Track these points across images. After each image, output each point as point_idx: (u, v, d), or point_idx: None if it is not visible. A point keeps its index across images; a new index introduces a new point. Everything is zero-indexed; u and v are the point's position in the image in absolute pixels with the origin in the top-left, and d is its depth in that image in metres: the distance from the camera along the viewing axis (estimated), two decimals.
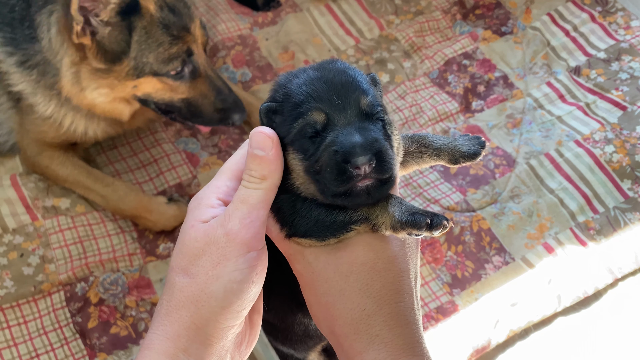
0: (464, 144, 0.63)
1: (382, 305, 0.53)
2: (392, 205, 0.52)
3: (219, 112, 1.12)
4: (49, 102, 1.11)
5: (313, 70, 0.56)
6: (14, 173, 1.19)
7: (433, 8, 1.51)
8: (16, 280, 1.06)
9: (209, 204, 0.55)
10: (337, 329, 0.53)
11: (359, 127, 0.51)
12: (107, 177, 1.17)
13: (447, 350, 1.01)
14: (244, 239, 0.51)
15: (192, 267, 0.52)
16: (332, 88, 0.53)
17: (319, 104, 0.52)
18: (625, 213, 1.14)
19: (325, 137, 0.51)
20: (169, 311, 0.52)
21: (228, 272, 0.51)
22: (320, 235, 0.53)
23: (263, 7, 1.51)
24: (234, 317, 0.53)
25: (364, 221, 0.53)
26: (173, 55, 1.03)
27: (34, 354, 1.00)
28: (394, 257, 0.54)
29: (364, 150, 0.49)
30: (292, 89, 0.54)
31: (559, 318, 1.06)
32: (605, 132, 1.23)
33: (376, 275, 0.53)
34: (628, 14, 1.44)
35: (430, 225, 0.50)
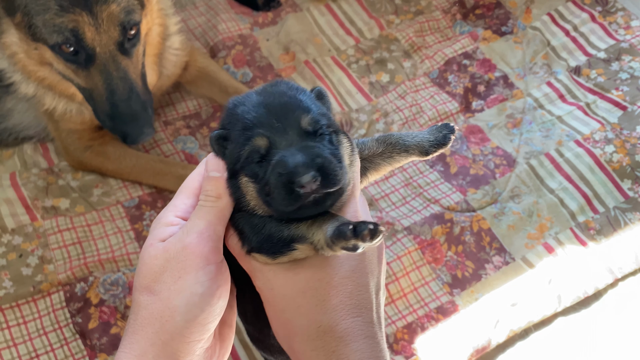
0: (432, 133, 0.63)
1: (339, 320, 0.52)
2: (327, 223, 0.52)
3: (110, 119, 1.02)
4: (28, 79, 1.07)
5: (257, 94, 0.57)
6: (14, 171, 1.19)
7: (433, 8, 1.51)
8: (15, 280, 1.06)
9: (167, 222, 0.56)
10: (295, 345, 0.53)
11: (302, 147, 0.52)
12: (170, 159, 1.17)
13: (447, 350, 1.00)
14: (202, 252, 0.53)
15: (155, 285, 0.53)
16: (272, 112, 0.54)
17: (260, 129, 0.54)
18: (625, 213, 1.14)
19: (270, 161, 0.53)
20: (135, 329, 0.53)
21: (189, 286, 0.52)
22: (271, 253, 0.54)
23: (263, 7, 1.51)
24: (200, 330, 0.53)
25: (303, 240, 0.53)
26: (57, 27, 0.94)
27: (34, 355, 1.00)
28: (351, 272, 0.54)
29: (307, 168, 0.50)
30: (238, 115, 0.56)
31: (559, 318, 1.06)
32: (606, 132, 1.23)
33: (332, 291, 0.53)
34: (628, 14, 1.44)
35: (355, 233, 0.49)
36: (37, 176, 1.19)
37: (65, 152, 1.20)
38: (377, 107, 1.33)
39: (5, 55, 1.07)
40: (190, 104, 1.35)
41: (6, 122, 1.20)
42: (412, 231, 1.13)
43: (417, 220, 1.14)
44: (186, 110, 1.34)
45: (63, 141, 1.19)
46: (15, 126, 1.21)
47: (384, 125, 1.30)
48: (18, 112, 1.19)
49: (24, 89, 1.10)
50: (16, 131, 1.22)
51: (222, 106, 1.34)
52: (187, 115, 1.33)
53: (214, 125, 1.31)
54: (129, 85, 1.01)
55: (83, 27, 0.95)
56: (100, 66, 0.99)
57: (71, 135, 1.18)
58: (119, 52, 1.00)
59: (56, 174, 1.21)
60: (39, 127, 1.22)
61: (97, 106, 1.02)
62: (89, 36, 0.96)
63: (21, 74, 1.09)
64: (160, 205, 1.18)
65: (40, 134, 1.24)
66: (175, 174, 1.16)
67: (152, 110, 1.06)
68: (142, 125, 1.02)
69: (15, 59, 1.06)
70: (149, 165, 1.18)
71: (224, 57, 1.41)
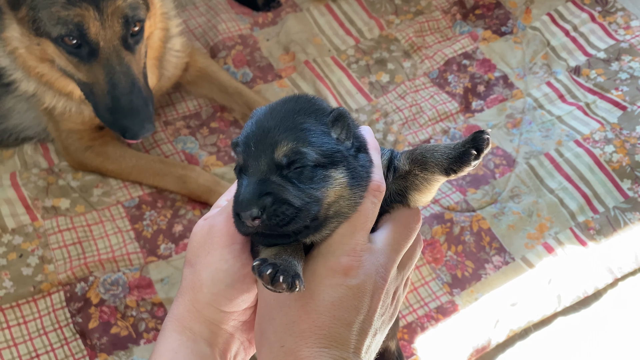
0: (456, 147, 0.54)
1: (302, 347, 0.51)
2: (268, 253, 0.52)
3: (110, 113, 1.02)
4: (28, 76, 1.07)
5: (266, 109, 0.56)
6: (14, 171, 1.20)
7: (433, 8, 1.51)
8: (15, 280, 1.07)
9: (217, 205, 0.61)
10: (260, 354, 0.54)
11: (261, 180, 0.51)
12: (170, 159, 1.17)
13: (447, 350, 1.01)
14: (229, 230, 0.56)
15: (193, 258, 0.58)
16: (257, 133, 0.54)
17: (241, 147, 0.54)
18: (625, 213, 1.14)
19: (238, 183, 0.55)
20: (177, 297, 0.59)
21: (215, 261, 0.56)
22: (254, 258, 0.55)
23: (263, 7, 1.51)
24: (227, 304, 0.57)
25: None
26: (62, 20, 0.95)
27: (34, 354, 1.00)
28: (329, 303, 0.51)
29: (248, 205, 0.50)
30: (245, 128, 0.56)
31: (559, 318, 1.06)
32: (605, 132, 1.24)
33: (305, 316, 0.51)
34: (628, 14, 1.44)
35: (259, 271, 0.49)
36: (37, 176, 1.20)
37: (66, 152, 1.20)
38: (377, 107, 1.33)
39: (6, 51, 1.07)
40: (190, 104, 1.35)
41: (6, 123, 1.20)
42: None
43: None
44: (186, 110, 1.34)
45: (63, 141, 1.19)
46: (16, 126, 1.21)
47: (383, 125, 1.30)
48: (18, 112, 1.19)
49: (24, 87, 1.10)
50: (16, 131, 1.22)
51: (222, 106, 1.34)
52: (187, 116, 1.33)
53: (215, 125, 1.31)
54: (131, 80, 1.01)
55: (88, 22, 0.96)
56: (103, 60, 0.99)
57: (71, 136, 1.18)
58: (122, 47, 1.01)
59: (56, 174, 1.21)
60: (39, 128, 1.22)
61: (98, 101, 1.02)
62: (94, 31, 0.97)
63: (22, 72, 1.09)
64: (160, 205, 1.18)
65: (41, 135, 1.24)
66: (175, 174, 1.17)
67: (152, 106, 1.06)
68: (143, 120, 1.02)
69: (15, 54, 1.06)
70: (149, 166, 1.18)
71: (224, 57, 1.41)
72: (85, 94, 1.05)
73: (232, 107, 1.32)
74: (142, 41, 1.05)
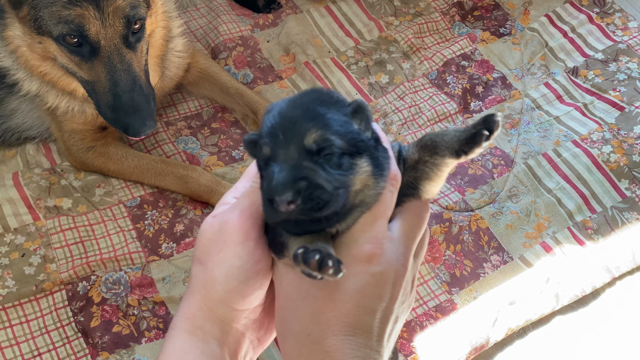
0: (467, 129, 0.55)
1: (329, 335, 0.52)
2: (303, 242, 0.52)
3: (112, 111, 1.02)
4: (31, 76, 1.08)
5: (286, 101, 0.56)
6: (17, 171, 1.20)
7: (432, 9, 1.52)
8: (17, 279, 1.07)
9: (225, 202, 0.60)
10: (285, 346, 0.54)
11: (295, 165, 0.51)
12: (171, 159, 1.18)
13: (445, 348, 1.01)
14: (242, 227, 0.55)
15: (203, 256, 0.57)
16: (284, 123, 0.54)
17: (267, 139, 0.54)
18: (622, 212, 1.15)
19: (267, 172, 0.54)
20: (187, 296, 0.59)
21: (229, 258, 0.55)
22: (275, 251, 0.56)
23: (264, 8, 1.52)
24: (240, 301, 0.56)
25: (288, 250, 0.54)
26: (63, 19, 0.95)
27: (36, 353, 1.01)
28: (354, 291, 0.52)
29: (285, 189, 0.49)
30: (264, 121, 0.56)
31: (557, 317, 1.07)
32: (603, 133, 1.24)
33: (330, 304, 0.52)
34: (625, 15, 1.45)
35: (304, 259, 0.48)
36: (39, 176, 1.20)
37: (68, 152, 1.21)
38: (377, 108, 1.34)
39: (8, 50, 1.08)
40: (191, 105, 1.36)
41: (9, 122, 1.21)
42: None
43: None
44: (187, 110, 1.35)
45: (66, 142, 1.20)
46: (18, 126, 1.22)
47: (383, 126, 1.31)
48: (21, 112, 1.20)
49: (27, 86, 1.11)
50: (19, 131, 1.23)
51: (223, 107, 1.35)
52: (188, 116, 1.34)
53: (216, 126, 1.32)
54: (133, 78, 1.01)
55: (88, 21, 0.96)
56: (104, 58, 1.00)
57: (74, 136, 1.18)
58: (123, 45, 1.01)
59: (58, 173, 1.22)
60: (41, 128, 1.23)
61: (100, 98, 1.03)
62: (94, 30, 0.97)
63: (24, 71, 1.10)
64: (162, 204, 1.19)
65: (43, 135, 1.24)
66: (176, 174, 1.17)
67: (154, 104, 1.06)
68: (144, 117, 1.02)
69: (18, 53, 1.07)
70: (150, 166, 1.19)
71: (225, 58, 1.42)
72: (88, 92, 1.05)
73: (233, 107, 1.33)
74: (143, 39, 1.06)
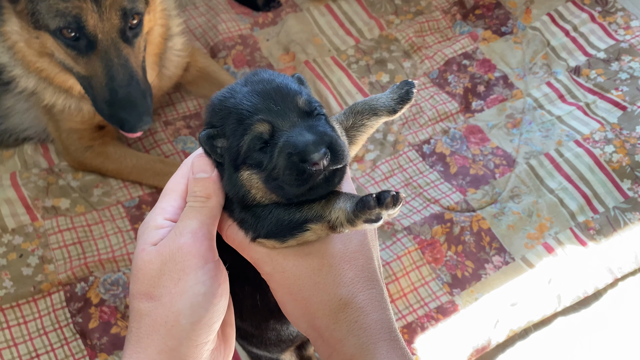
0: (394, 92, 0.64)
1: (357, 292, 0.54)
2: (343, 200, 0.52)
3: (108, 106, 1.00)
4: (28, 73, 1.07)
5: (241, 85, 0.56)
6: (14, 171, 1.20)
7: (433, 8, 1.51)
8: (15, 280, 1.07)
9: (157, 225, 0.55)
10: (316, 321, 0.54)
11: (307, 126, 0.52)
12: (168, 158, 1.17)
13: (447, 350, 1.01)
14: (199, 251, 0.52)
15: (154, 290, 0.52)
16: (267, 97, 0.54)
17: (259, 115, 0.53)
18: (625, 213, 1.14)
19: (275, 144, 0.52)
20: (140, 338, 0.52)
21: (191, 286, 0.51)
22: (280, 236, 0.54)
23: (263, 7, 1.51)
24: (206, 332, 0.52)
25: (319, 219, 0.52)
26: (60, 12, 0.94)
27: (34, 354, 1.00)
28: (360, 246, 0.56)
29: (318, 145, 0.50)
30: (230, 109, 0.54)
31: (559, 318, 1.06)
32: (605, 132, 1.24)
33: (346, 265, 0.54)
34: (628, 14, 1.45)
35: (379, 202, 0.49)
36: (37, 176, 1.20)
37: (66, 152, 1.20)
38: None
39: (5, 46, 1.08)
40: (190, 104, 1.35)
41: (7, 123, 1.21)
42: (412, 231, 1.13)
43: (417, 220, 1.14)
44: (186, 110, 1.34)
45: (63, 141, 1.19)
46: (16, 126, 1.21)
47: (384, 125, 1.30)
48: (18, 112, 1.19)
49: (24, 83, 1.10)
50: (17, 131, 1.22)
51: None
52: (187, 116, 1.33)
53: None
54: (129, 72, 1.00)
55: (86, 14, 0.95)
56: (101, 53, 0.99)
57: (72, 135, 1.18)
58: (120, 39, 1.00)
59: (56, 174, 1.21)
60: (39, 128, 1.22)
61: (96, 94, 1.02)
62: (91, 23, 0.96)
63: (21, 68, 1.09)
64: None
65: (41, 135, 1.24)
66: None
67: (151, 100, 1.05)
68: (141, 113, 1.01)
69: (15, 48, 1.06)
70: (149, 166, 1.18)
71: (224, 57, 1.41)
72: (84, 88, 1.05)
73: None
74: (141, 35, 1.05)
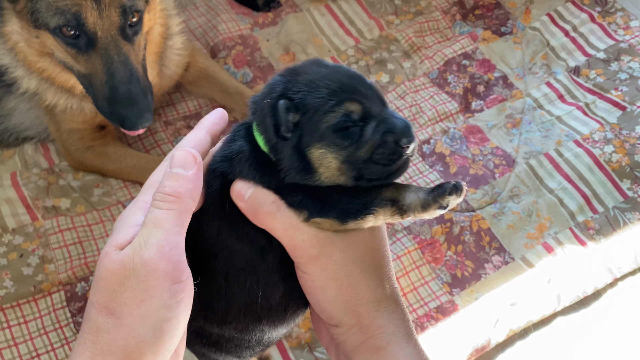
0: None
1: (393, 284, 0.57)
2: (413, 187, 0.55)
3: (109, 103, 0.99)
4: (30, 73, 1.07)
5: (316, 66, 0.56)
6: (15, 171, 1.20)
7: (433, 8, 1.51)
8: (16, 280, 1.07)
9: (134, 222, 0.50)
10: (360, 308, 0.55)
11: (391, 114, 0.55)
12: None
13: (446, 349, 1.01)
14: (166, 270, 0.46)
15: (115, 305, 0.46)
16: (354, 80, 0.55)
17: (353, 94, 0.53)
18: (624, 213, 1.14)
19: (365, 126, 0.53)
20: (94, 355, 0.47)
21: (155, 311, 0.46)
22: (343, 216, 0.54)
23: (263, 7, 1.52)
24: (165, 356, 0.48)
25: (389, 203, 0.54)
26: (59, 10, 0.94)
27: (35, 354, 1.00)
28: (384, 240, 0.58)
29: (410, 131, 0.54)
30: (317, 84, 0.53)
31: (559, 317, 1.06)
32: (605, 132, 1.24)
33: (380, 258, 0.57)
34: (627, 14, 1.45)
35: (456, 188, 0.53)
36: (37, 176, 1.20)
37: (66, 152, 1.21)
38: None
39: (6, 47, 1.08)
40: (190, 104, 1.35)
41: (7, 122, 1.21)
42: (412, 231, 1.13)
43: (417, 220, 1.15)
44: (186, 110, 1.34)
45: (64, 142, 1.19)
46: (17, 126, 1.21)
47: None
48: (19, 112, 1.19)
49: (26, 84, 1.10)
50: (17, 131, 1.22)
51: (222, 106, 1.34)
52: (187, 115, 1.33)
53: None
54: (130, 70, 1.00)
55: (86, 11, 0.95)
56: (101, 50, 0.99)
57: (72, 136, 1.18)
58: (120, 37, 1.00)
59: (57, 174, 1.21)
60: (40, 128, 1.23)
61: (97, 92, 1.01)
62: (91, 20, 0.96)
63: (23, 69, 1.09)
64: None
65: (41, 135, 1.24)
66: None
67: (152, 97, 1.05)
68: (141, 110, 1.00)
69: (16, 49, 1.07)
70: (149, 166, 1.18)
71: (225, 57, 1.41)
72: (85, 86, 1.05)
73: (233, 107, 1.32)
74: (141, 33, 1.05)
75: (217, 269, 0.58)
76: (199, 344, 0.68)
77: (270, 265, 0.58)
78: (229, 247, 0.57)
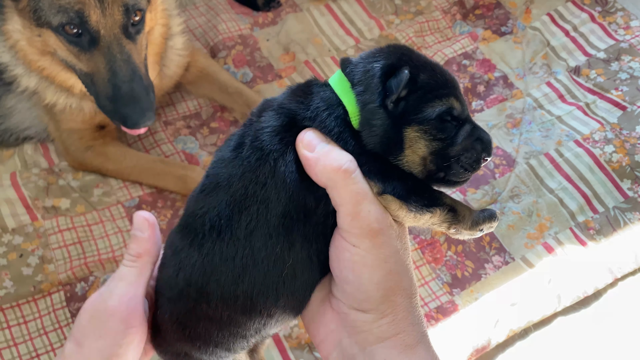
0: None
1: (415, 283, 0.59)
2: (465, 205, 0.56)
3: (111, 102, 1.00)
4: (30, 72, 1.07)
5: (419, 54, 0.57)
6: (14, 171, 1.20)
7: (433, 8, 1.51)
8: (15, 280, 1.07)
9: None
10: (398, 298, 0.55)
11: (477, 126, 0.56)
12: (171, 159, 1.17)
13: (447, 349, 1.01)
14: (122, 316, 0.56)
15: (80, 337, 0.57)
16: (455, 82, 0.55)
17: (457, 92, 0.54)
18: (625, 213, 1.14)
19: (462, 126, 0.54)
20: None
21: (109, 346, 0.56)
22: (412, 202, 0.53)
23: (263, 7, 1.51)
24: None
25: (447, 209, 0.54)
26: (62, 8, 0.94)
27: (34, 354, 1.00)
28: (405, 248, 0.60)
29: (492, 148, 0.55)
30: (434, 68, 0.54)
31: (559, 318, 1.06)
32: (605, 132, 1.24)
33: (408, 259, 0.59)
34: (628, 14, 1.45)
35: (496, 217, 0.56)
36: (37, 176, 1.20)
37: (66, 152, 1.21)
38: None
39: (7, 45, 1.08)
40: (190, 104, 1.35)
41: (7, 122, 1.21)
42: (412, 231, 1.13)
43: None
44: (186, 110, 1.34)
45: (64, 141, 1.19)
46: (16, 126, 1.21)
47: None
48: (19, 111, 1.19)
49: (26, 82, 1.10)
50: (17, 131, 1.22)
51: (222, 106, 1.34)
52: (187, 116, 1.33)
53: (215, 125, 1.31)
54: (132, 68, 1.00)
55: (89, 9, 0.95)
56: (103, 48, 0.99)
57: (72, 136, 1.18)
58: (123, 35, 1.00)
59: (57, 174, 1.21)
60: (39, 127, 1.22)
61: (99, 90, 1.01)
62: (94, 18, 0.96)
63: (23, 67, 1.09)
64: (161, 205, 1.18)
65: (41, 135, 1.24)
66: (175, 174, 1.17)
67: (153, 96, 1.05)
68: (143, 108, 1.00)
69: (17, 47, 1.06)
70: (149, 166, 1.18)
71: (224, 57, 1.41)
72: (86, 85, 1.05)
73: (233, 107, 1.32)
74: (143, 32, 1.05)
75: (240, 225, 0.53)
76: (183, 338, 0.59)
77: (309, 236, 0.53)
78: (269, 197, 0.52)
